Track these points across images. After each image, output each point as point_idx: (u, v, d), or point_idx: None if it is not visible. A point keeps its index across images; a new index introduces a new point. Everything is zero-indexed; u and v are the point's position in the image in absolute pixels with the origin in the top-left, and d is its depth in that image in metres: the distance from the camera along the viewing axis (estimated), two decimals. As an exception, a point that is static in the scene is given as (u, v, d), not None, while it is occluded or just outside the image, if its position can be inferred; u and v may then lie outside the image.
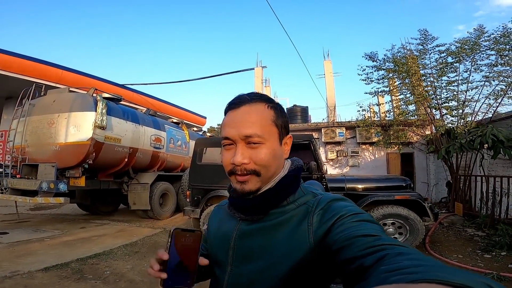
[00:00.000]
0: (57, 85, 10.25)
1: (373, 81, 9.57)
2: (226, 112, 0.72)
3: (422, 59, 8.64)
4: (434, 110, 8.66)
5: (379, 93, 9.98)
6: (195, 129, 12.42)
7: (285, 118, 0.74)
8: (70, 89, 6.84)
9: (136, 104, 10.04)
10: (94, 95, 6.51)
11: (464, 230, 6.14)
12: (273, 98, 0.72)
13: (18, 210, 7.23)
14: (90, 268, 4.10)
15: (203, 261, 0.67)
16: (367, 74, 9.57)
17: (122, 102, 7.65)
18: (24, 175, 6.25)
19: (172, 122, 9.90)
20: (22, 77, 10.66)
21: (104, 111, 6.27)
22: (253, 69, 19.30)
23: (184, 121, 11.12)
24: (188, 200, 6.02)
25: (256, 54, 21.55)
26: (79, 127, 6.12)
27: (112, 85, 13.53)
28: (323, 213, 0.63)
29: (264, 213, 0.69)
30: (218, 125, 35.62)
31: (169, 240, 0.65)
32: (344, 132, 12.60)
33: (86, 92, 6.73)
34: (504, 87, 7.56)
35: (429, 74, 8.56)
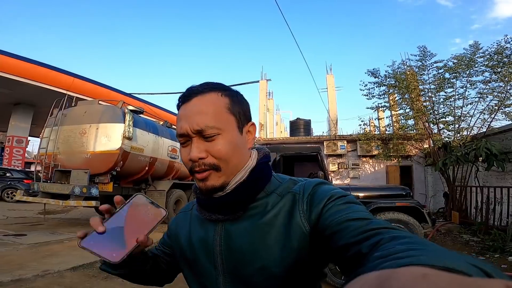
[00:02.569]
0: (68, 92, 10.42)
1: (374, 96, 10.02)
2: (178, 107, 0.66)
3: (421, 75, 9.03)
4: (431, 125, 9.05)
5: (380, 108, 10.46)
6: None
7: (244, 105, 0.69)
8: (99, 101, 7.45)
9: (152, 116, 10.60)
10: (122, 107, 7.11)
11: (461, 236, 6.56)
12: (275, 111, 0.71)
13: (27, 214, 7.49)
14: (115, 268, 4.43)
15: (144, 241, 0.58)
16: (369, 90, 10.01)
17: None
18: (56, 180, 6.76)
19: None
20: (33, 83, 10.78)
21: (131, 122, 6.88)
22: (258, 81, 19.86)
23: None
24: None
25: (261, 67, 21.83)
26: (110, 137, 6.68)
27: (120, 94, 13.87)
28: (311, 198, 0.61)
29: (243, 209, 0.64)
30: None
31: (126, 202, 0.58)
32: (345, 145, 13.03)
33: (114, 105, 7.33)
34: (497, 102, 7.91)
35: (428, 89, 8.97)
